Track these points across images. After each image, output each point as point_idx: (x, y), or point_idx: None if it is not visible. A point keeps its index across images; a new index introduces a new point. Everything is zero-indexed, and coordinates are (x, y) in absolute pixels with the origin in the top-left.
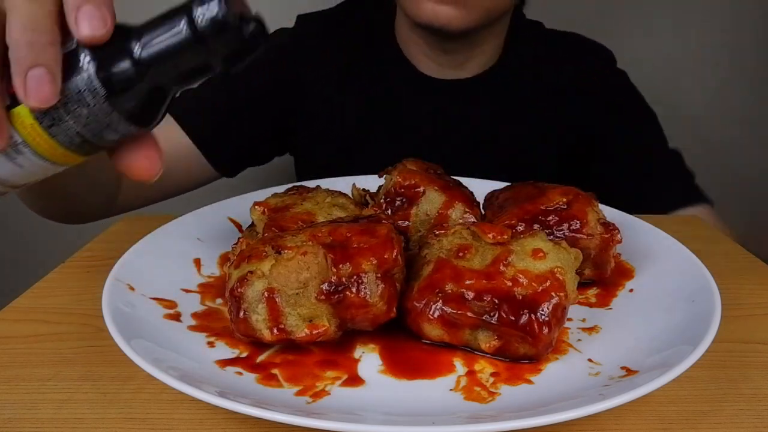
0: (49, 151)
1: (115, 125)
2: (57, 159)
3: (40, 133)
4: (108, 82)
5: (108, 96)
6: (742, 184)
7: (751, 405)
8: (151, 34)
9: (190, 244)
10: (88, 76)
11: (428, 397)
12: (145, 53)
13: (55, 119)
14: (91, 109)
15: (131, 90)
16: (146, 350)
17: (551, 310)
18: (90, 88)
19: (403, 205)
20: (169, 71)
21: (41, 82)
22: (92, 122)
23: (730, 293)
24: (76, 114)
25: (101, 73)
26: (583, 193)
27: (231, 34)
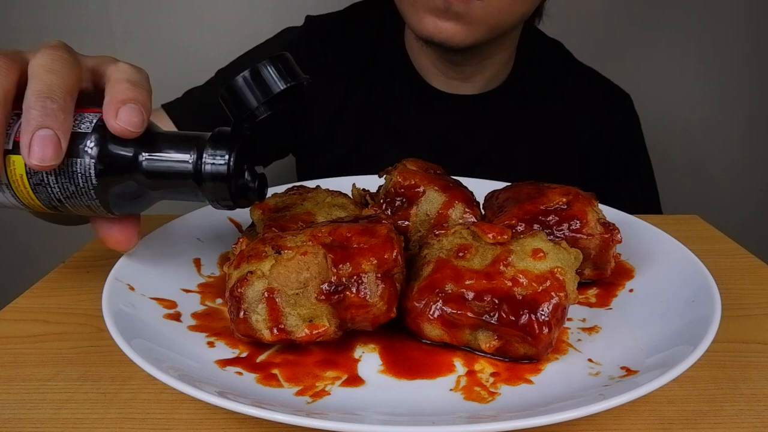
0: (27, 200)
1: (93, 208)
2: (31, 207)
3: (25, 185)
4: (102, 176)
5: (96, 187)
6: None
7: (751, 405)
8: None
9: (190, 244)
10: (88, 162)
11: (428, 397)
12: (147, 166)
13: (43, 182)
14: (78, 188)
15: (120, 189)
16: (146, 350)
17: (551, 310)
18: (84, 172)
19: (403, 205)
20: (160, 188)
21: (46, 144)
22: (75, 198)
23: (730, 293)
24: (63, 186)
25: (100, 165)
26: (583, 193)
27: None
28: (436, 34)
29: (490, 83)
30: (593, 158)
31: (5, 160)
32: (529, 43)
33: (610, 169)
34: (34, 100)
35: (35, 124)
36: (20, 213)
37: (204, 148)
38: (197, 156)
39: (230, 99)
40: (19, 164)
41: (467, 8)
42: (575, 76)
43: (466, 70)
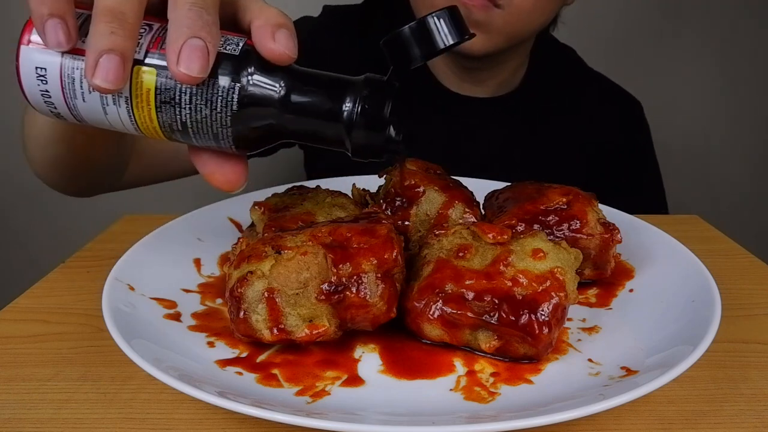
0: (143, 120)
1: (219, 137)
2: (144, 129)
3: (149, 102)
4: (244, 104)
5: (234, 115)
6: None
7: (751, 405)
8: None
9: (190, 244)
10: (230, 87)
11: (428, 397)
12: (296, 101)
13: (173, 100)
14: (212, 113)
15: (258, 122)
16: (146, 350)
17: (551, 310)
18: (226, 96)
19: (403, 205)
20: (302, 127)
21: (197, 55)
22: (203, 124)
23: (730, 293)
24: (196, 108)
25: (245, 91)
26: (583, 193)
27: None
28: None
29: (502, 87)
30: (603, 164)
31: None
32: (542, 48)
33: (620, 175)
34: (188, 8)
35: (189, 32)
36: (20, 213)
37: (360, 92)
38: (353, 100)
39: (393, 48)
40: (149, 77)
41: (488, 17)
42: (587, 83)
43: (480, 74)
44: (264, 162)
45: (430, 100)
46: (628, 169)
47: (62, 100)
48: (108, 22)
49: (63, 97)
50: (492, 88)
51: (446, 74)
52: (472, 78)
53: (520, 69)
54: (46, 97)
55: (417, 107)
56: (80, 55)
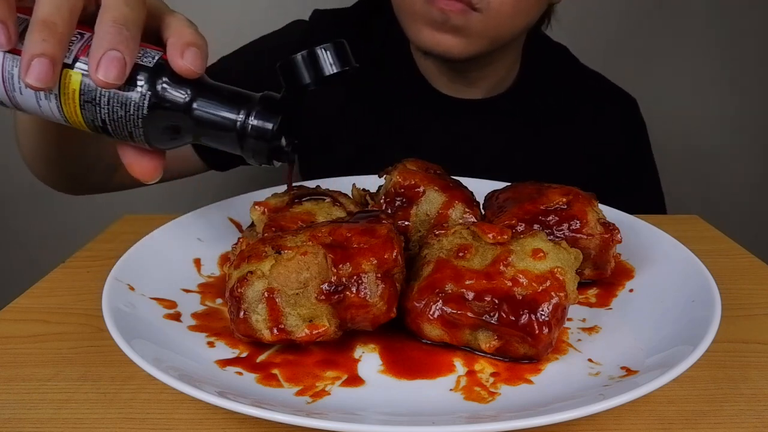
0: (70, 114)
1: (134, 136)
2: (71, 122)
3: (74, 100)
4: (153, 109)
5: (145, 118)
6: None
7: (751, 405)
8: (211, 100)
9: (190, 244)
10: (142, 93)
11: (428, 397)
12: (198, 110)
13: (94, 101)
14: (126, 114)
15: (165, 125)
16: (146, 350)
17: (551, 310)
18: (137, 102)
19: (403, 205)
20: (202, 132)
21: (114, 65)
22: (119, 123)
23: (730, 293)
24: (113, 110)
25: (154, 98)
26: (583, 193)
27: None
28: (435, 46)
29: (495, 88)
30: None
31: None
32: (535, 47)
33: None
34: (110, 25)
35: (108, 45)
36: (20, 213)
37: (253, 107)
38: (246, 113)
39: (286, 72)
40: (75, 79)
41: (466, 21)
42: (582, 81)
43: (469, 75)
44: None
45: (424, 105)
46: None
47: (3, 91)
48: (40, 31)
49: (4, 89)
50: (484, 89)
51: (439, 78)
52: (463, 80)
53: (513, 69)
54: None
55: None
56: (19, 55)
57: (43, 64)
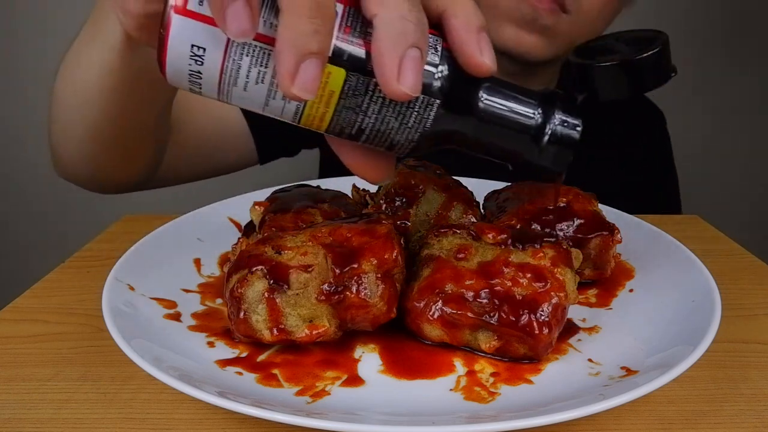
0: (311, 117)
1: (395, 146)
2: (304, 123)
3: (329, 104)
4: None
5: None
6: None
7: (751, 405)
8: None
9: (190, 244)
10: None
11: (428, 397)
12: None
13: (358, 108)
14: (401, 126)
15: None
16: (146, 350)
17: (551, 310)
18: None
19: (403, 205)
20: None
21: (417, 69)
22: (384, 134)
23: (730, 293)
24: (383, 121)
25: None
26: (583, 193)
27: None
28: (517, 45)
29: None
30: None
31: None
32: None
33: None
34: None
35: (410, 41)
36: (20, 212)
37: (554, 108)
38: (545, 114)
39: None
40: (337, 78)
41: (555, 21)
42: None
43: (524, 80)
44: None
45: None
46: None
47: (215, 85)
48: (311, 18)
49: (218, 82)
50: None
51: None
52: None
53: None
54: (193, 77)
55: None
56: (255, 41)
57: (315, 66)
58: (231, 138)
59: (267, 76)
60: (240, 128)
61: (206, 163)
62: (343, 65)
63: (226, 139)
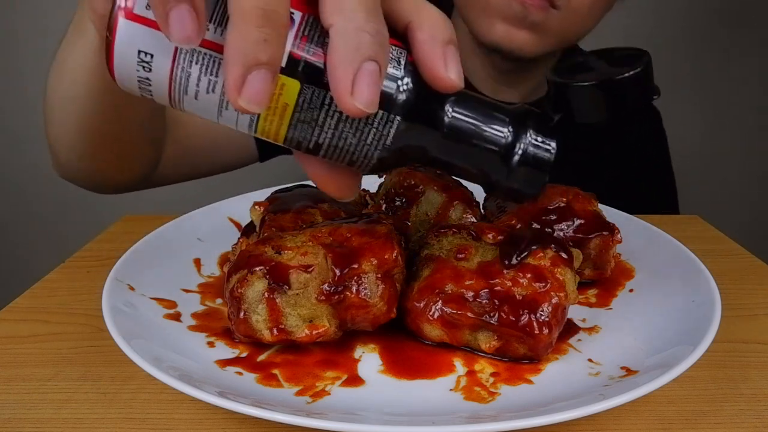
0: (266, 130)
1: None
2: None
3: (283, 117)
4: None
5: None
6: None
7: (751, 405)
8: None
9: (190, 244)
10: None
11: (428, 397)
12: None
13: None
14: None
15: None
16: (146, 350)
17: (551, 310)
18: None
19: (403, 205)
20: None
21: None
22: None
23: (730, 293)
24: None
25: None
26: (583, 193)
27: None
28: (507, 41)
29: (533, 92)
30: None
31: None
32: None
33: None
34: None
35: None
36: (20, 212)
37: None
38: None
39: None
40: (291, 91)
41: (544, 18)
42: None
43: (516, 76)
44: (265, 162)
45: None
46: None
47: (165, 92)
48: (260, 26)
49: (168, 89)
50: (524, 92)
51: (482, 78)
52: (508, 80)
53: None
54: (142, 83)
55: None
56: (205, 48)
57: (263, 77)
58: (232, 136)
59: (218, 85)
60: None
61: (206, 160)
62: (297, 77)
63: (226, 136)
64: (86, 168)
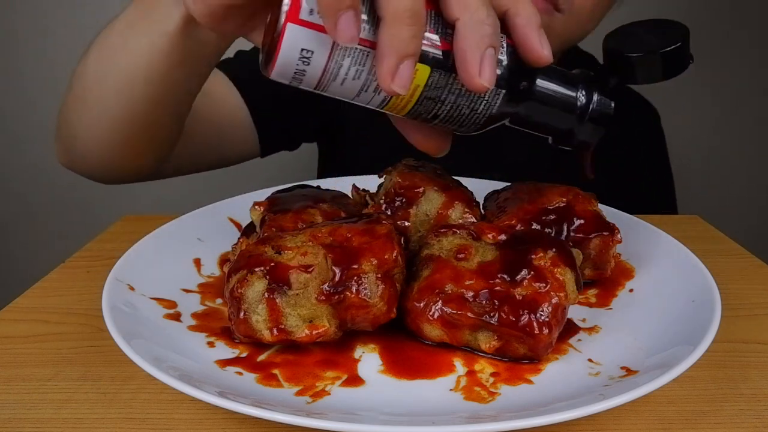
0: (394, 106)
1: (463, 127)
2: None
3: (413, 96)
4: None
5: (491, 115)
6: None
7: (751, 405)
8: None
9: (190, 244)
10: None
11: (428, 397)
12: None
13: (438, 98)
14: (471, 112)
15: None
16: (146, 350)
17: (551, 310)
18: (489, 101)
19: (402, 205)
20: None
21: (493, 69)
22: (456, 118)
23: (730, 293)
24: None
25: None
26: (583, 193)
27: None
28: None
29: None
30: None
31: None
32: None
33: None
34: (484, 13)
35: (488, 42)
36: (20, 212)
37: (593, 91)
38: (587, 96)
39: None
40: (422, 74)
41: (549, 21)
42: None
43: None
44: (264, 161)
45: None
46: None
47: (315, 80)
48: (410, 25)
49: (319, 78)
50: None
51: None
52: None
53: None
54: (297, 74)
55: None
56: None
57: (411, 67)
58: (235, 129)
59: (363, 73)
60: (244, 120)
61: (210, 154)
62: (428, 63)
63: (231, 129)
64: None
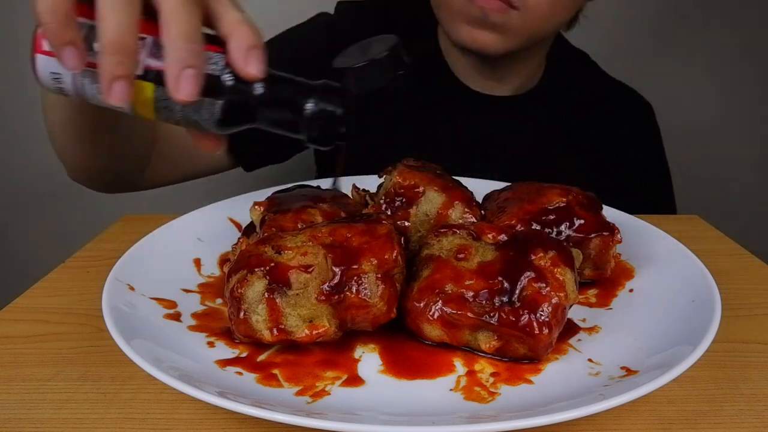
0: (143, 114)
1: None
2: (140, 115)
3: (148, 106)
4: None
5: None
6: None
7: (751, 405)
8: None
9: (190, 244)
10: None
11: (428, 397)
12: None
13: (167, 108)
14: (200, 118)
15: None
16: (146, 350)
17: (551, 310)
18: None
19: (402, 205)
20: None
21: (191, 82)
22: (192, 122)
23: (730, 293)
24: (186, 115)
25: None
26: (583, 192)
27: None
28: (472, 42)
29: (523, 86)
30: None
31: None
32: (557, 49)
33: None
34: (182, 41)
35: (184, 63)
36: (19, 212)
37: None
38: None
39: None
40: (148, 90)
41: (505, 18)
42: (603, 85)
43: (502, 72)
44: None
45: (452, 99)
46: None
47: (72, 93)
48: (113, 54)
49: (74, 91)
50: (514, 86)
51: (469, 74)
52: (495, 76)
53: (540, 67)
54: (57, 89)
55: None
56: (90, 68)
57: (122, 85)
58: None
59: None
60: None
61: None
62: (151, 80)
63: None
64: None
